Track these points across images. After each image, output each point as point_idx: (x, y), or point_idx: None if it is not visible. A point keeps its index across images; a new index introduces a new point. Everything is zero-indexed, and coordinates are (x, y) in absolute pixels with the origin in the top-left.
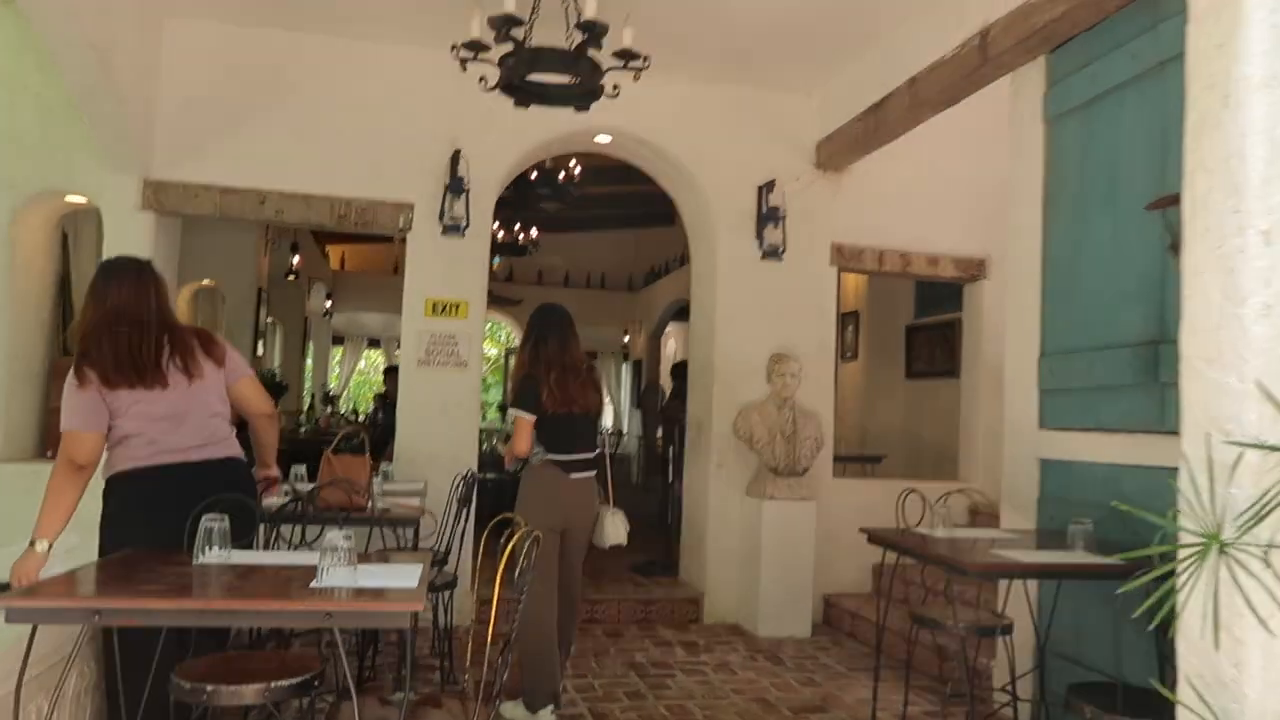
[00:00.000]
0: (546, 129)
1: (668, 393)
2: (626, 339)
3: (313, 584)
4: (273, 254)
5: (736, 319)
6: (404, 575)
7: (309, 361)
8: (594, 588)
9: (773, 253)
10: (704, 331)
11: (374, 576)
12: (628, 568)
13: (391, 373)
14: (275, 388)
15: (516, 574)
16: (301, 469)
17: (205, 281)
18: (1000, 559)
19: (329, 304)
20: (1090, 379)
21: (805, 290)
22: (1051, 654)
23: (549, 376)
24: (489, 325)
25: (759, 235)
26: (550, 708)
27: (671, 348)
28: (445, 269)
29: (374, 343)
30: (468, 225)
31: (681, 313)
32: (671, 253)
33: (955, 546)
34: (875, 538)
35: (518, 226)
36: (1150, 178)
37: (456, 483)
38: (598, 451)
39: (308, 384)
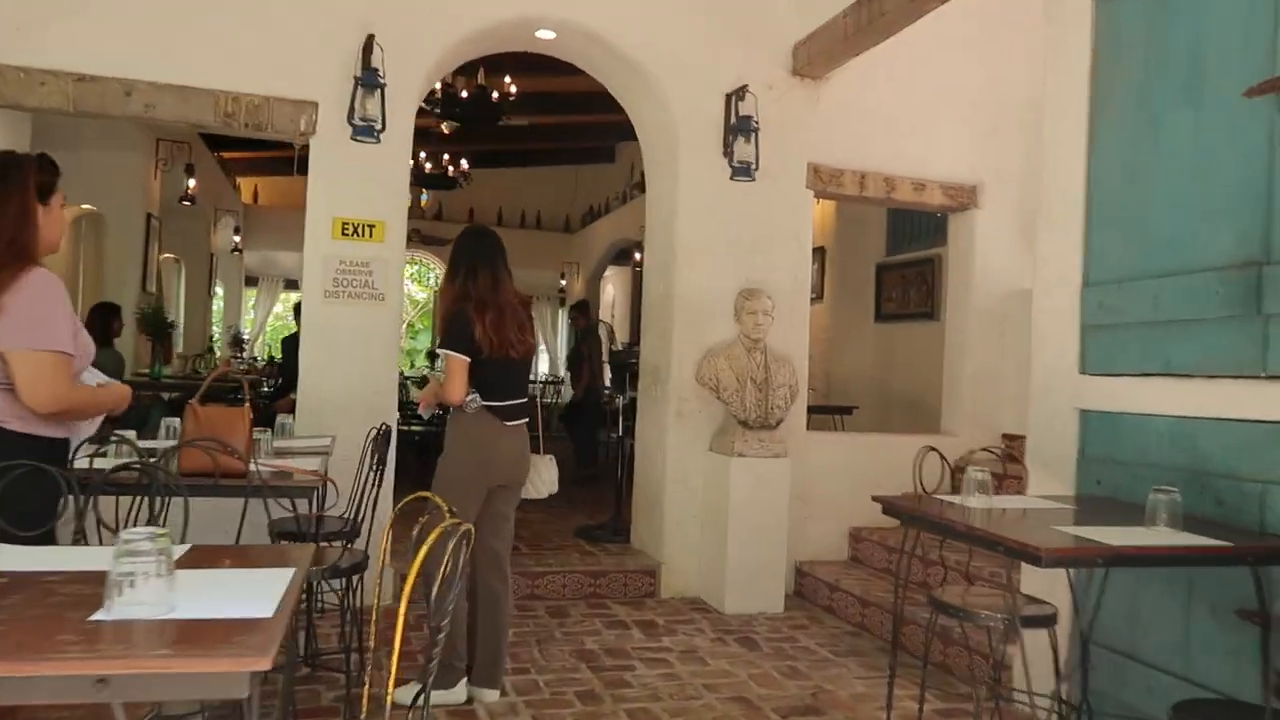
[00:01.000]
0: (479, 15)
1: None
2: (564, 282)
3: (94, 616)
4: (165, 178)
5: (701, 249)
6: (258, 594)
7: (218, 303)
8: (534, 558)
9: (743, 170)
10: (661, 264)
11: (207, 599)
12: (572, 533)
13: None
14: (160, 326)
15: (435, 591)
16: (175, 421)
17: (85, 206)
18: (1084, 542)
19: (238, 239)
20: (1156, 312)
21: (778, 216)
22: (1097, 647)
23: (483, 317)
24: (416, 266)
25: (727, 150)
26: (464, 681)
27: (610, 293)
28: (357, 182)
29: (291, 284)
30: (383, 129)
31: (622, 255)
32: (612, 190)
33: (1000, 521)
34: (894, 509)
35: (446, 157)
36: (1253, 58)
37: (370, 438)
38: (529, 397)
39: (216, 327)
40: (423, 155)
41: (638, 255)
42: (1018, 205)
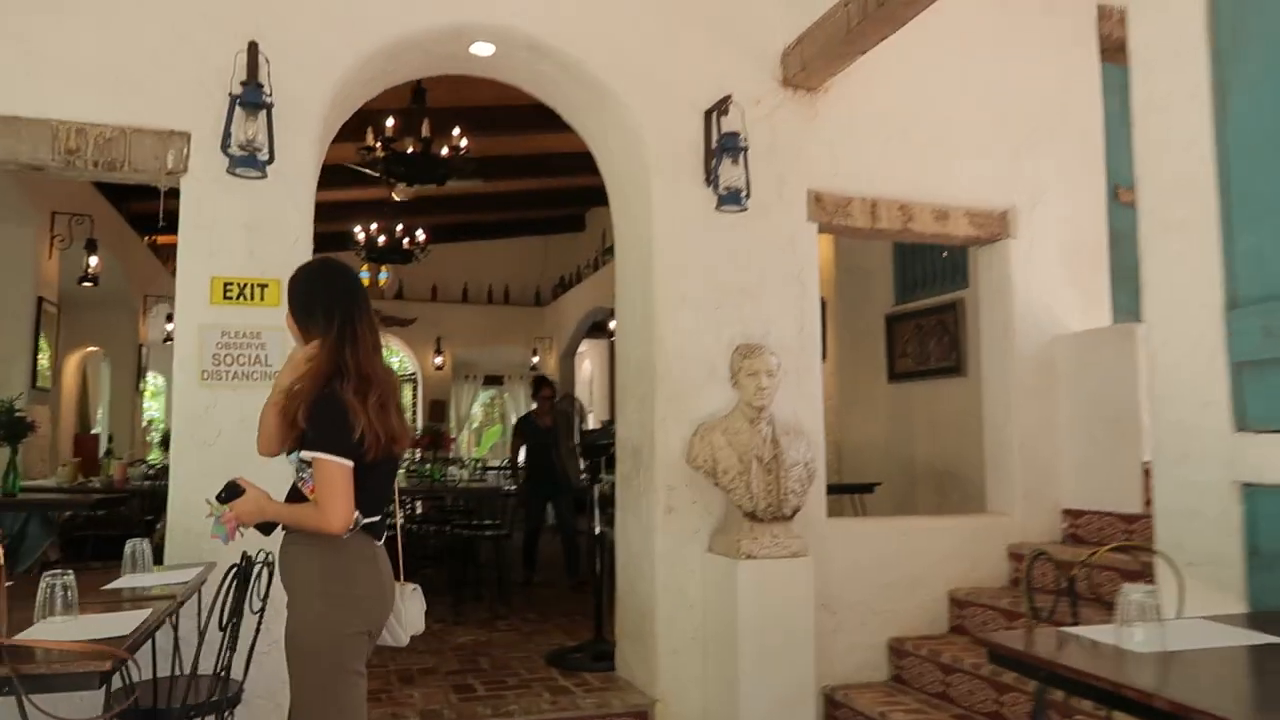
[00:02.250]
0: (398, 21)
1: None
2: (536, 359)
3: None
4: (63, 256)
5: (684, 298)
6: None
7: (154, 399)
8: (492, 702)
9: (731, 198)
10: (637, 320)
11: None
12: (543, 659)
13: None
14: (12, 427)
15: None
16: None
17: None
18: None
19: (171, 327)
20: None
21: (776, 255)
22: None
23: (365, 401)
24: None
25: (711, 177)
26: None
27: (588, 369)
28: (242, 230)
29: None
30: (270, 159)
31: (597, 328)
32: (584, 258)
33: (1188, 668)
34: (1014, 659)
35: (400, 228)
36: None
37: (228, 579)
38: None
39: (152, 426)
40: (374, 228)
41: (613, 325)
42: (1058, 231)
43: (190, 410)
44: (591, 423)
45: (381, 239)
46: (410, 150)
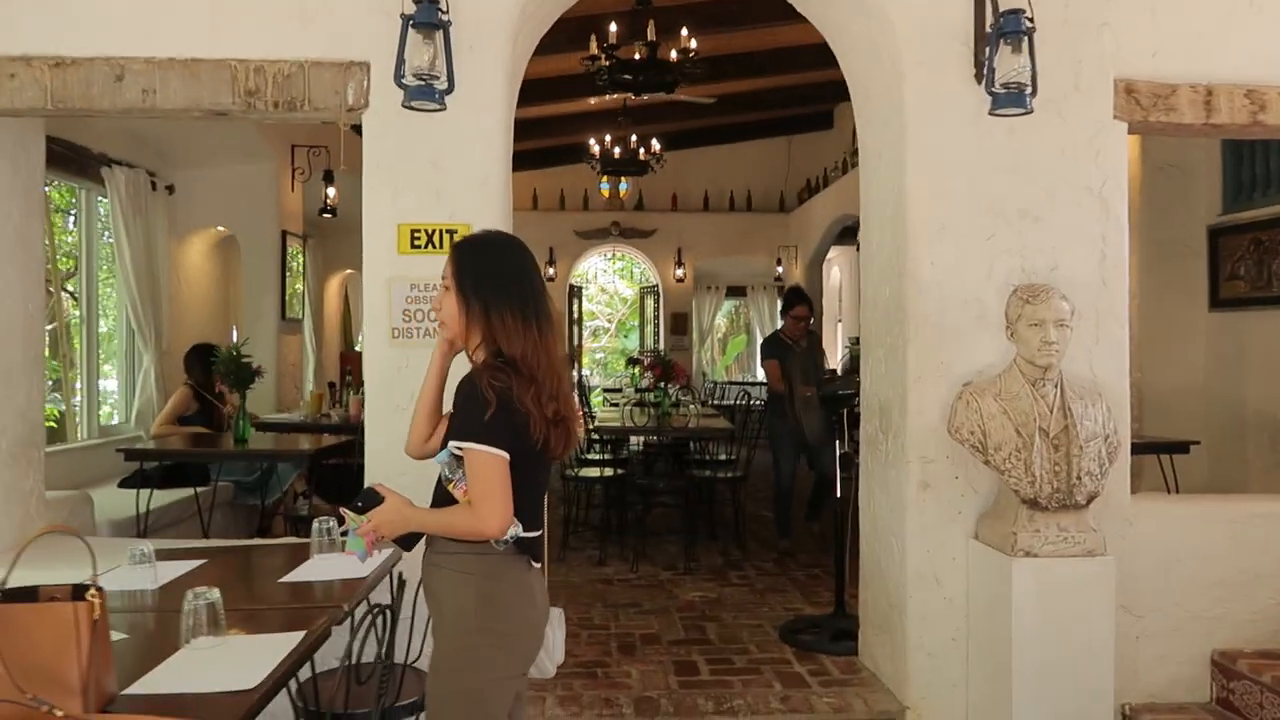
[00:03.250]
0: None
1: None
2: (781, 269)
3: None
4: (307, 187)
5: (946, 224)
6: None
7: None
8: (713, 691)
9: (1012, 98)
10: (886, 251)
11: None
12: (776, 631)
13: None
14: (241, 373)
15: None
16: None
17: (218, 228)
18: None
19: None
20: None
21: (1071, 164)
22: None
23: (540, 387)
24: (620, 262)
25: (982, 70)
26: None
27: (836, 277)
28: (427, 170)
29: None
30: (451, 87)
31: (847, 233)
32: (831, 159)
33: None
34: None
35: (634, 139)
36: None
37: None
38: None
39: None
40: (608, 140)
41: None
42: None
43: (383, 371)
44: (840, 352)
45: (616, 151)
46: (637, 57)
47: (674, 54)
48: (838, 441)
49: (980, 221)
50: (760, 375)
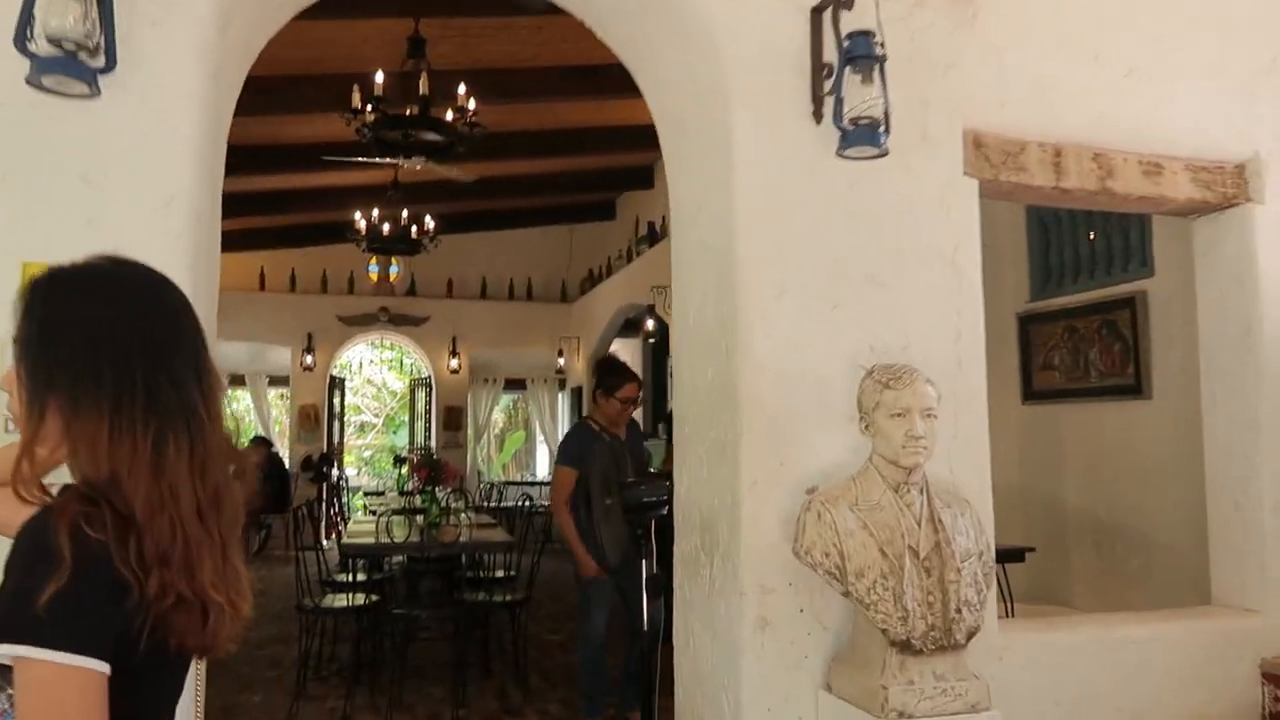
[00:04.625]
0: None
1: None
2: (562, 361)
3: None
4: None
5: (785, 290)
6: None
7: None
8: None
9: (865, 135)
10: (708, 326)
11: None
12: None
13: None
14: None
15: None
16: None
17: None
18: None
19: None
20: None
21: (921, 224)
22: None
23: (148, 538)
24: (389, 351)
25: (821, 104)
26: None
27: None
28: (76, 183)
29: (237, 380)
30: (110, 64)
31: (630, 326)
32: (615, 248)
33: None
34: None
35: (405, 215)
36: None
37: None
38: None
39: None
40: (375, 214)
41: (650, 323)
42: None
43: None
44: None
45: (385, 227)
46: (407, 113)
47: (450, 114)
48: (644, 561)
49: (822, 286)
50: (543, 473)
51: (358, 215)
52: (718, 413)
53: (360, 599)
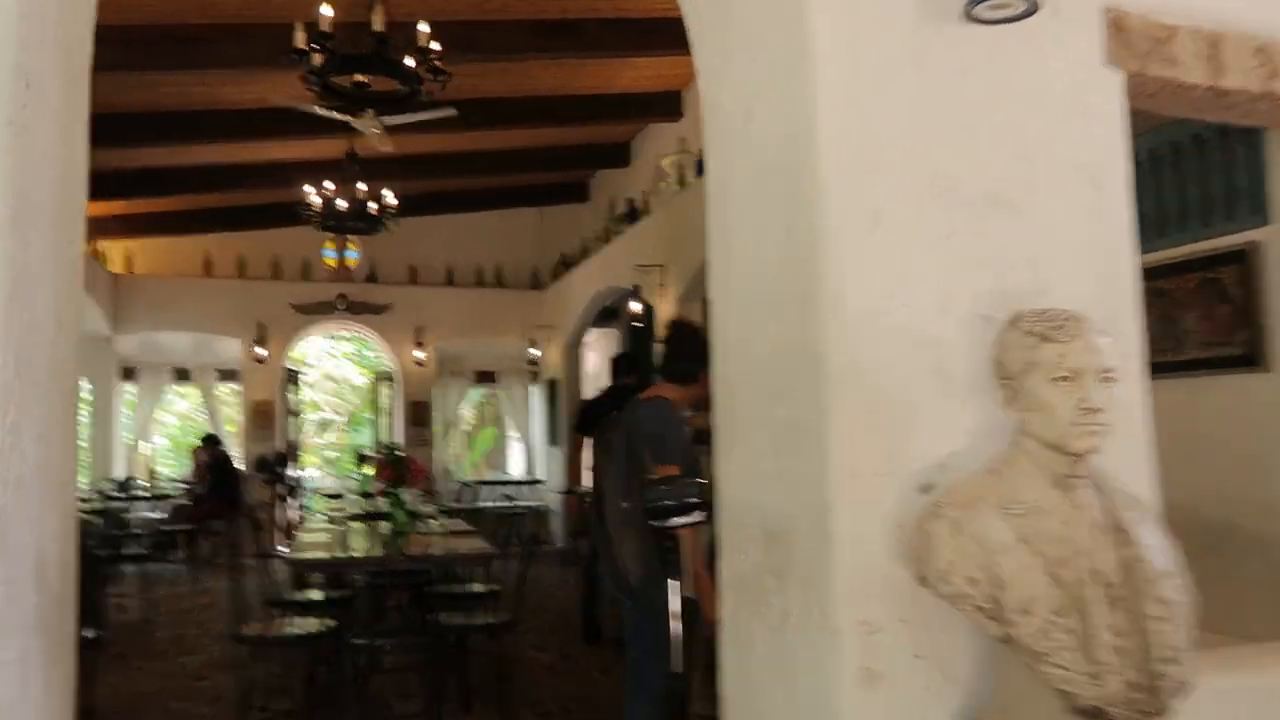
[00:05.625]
0: None
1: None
2: (535, 352)
3: None
4: None
5: (884, 212)
6: None
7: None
8: None
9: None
10: (771, 269)
11: None
12: None
13: (211, 443)
14: None
15: None
16: None
17: None
18: None
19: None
20: None
21: (1053, 132)
22: None
23: None
24: (346, 343)
25: None
26: None
27: (594, 363)
28: None
29: (182, 374)
30: None
31: (609, 314)
32: (588, 231)
33: None
34: None
35: (363, 189)
36: None
37: None
38: None
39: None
40: (329, 187)
41: (634, 305)
42: None
43: None
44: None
45: (342, 204)
46: (360, 54)
47: (409, 60)
48: (671, 581)
49: (931, 208)
50: (516, 471)
51: (309, 189)
52: (789, 384)
53: (313, 625)
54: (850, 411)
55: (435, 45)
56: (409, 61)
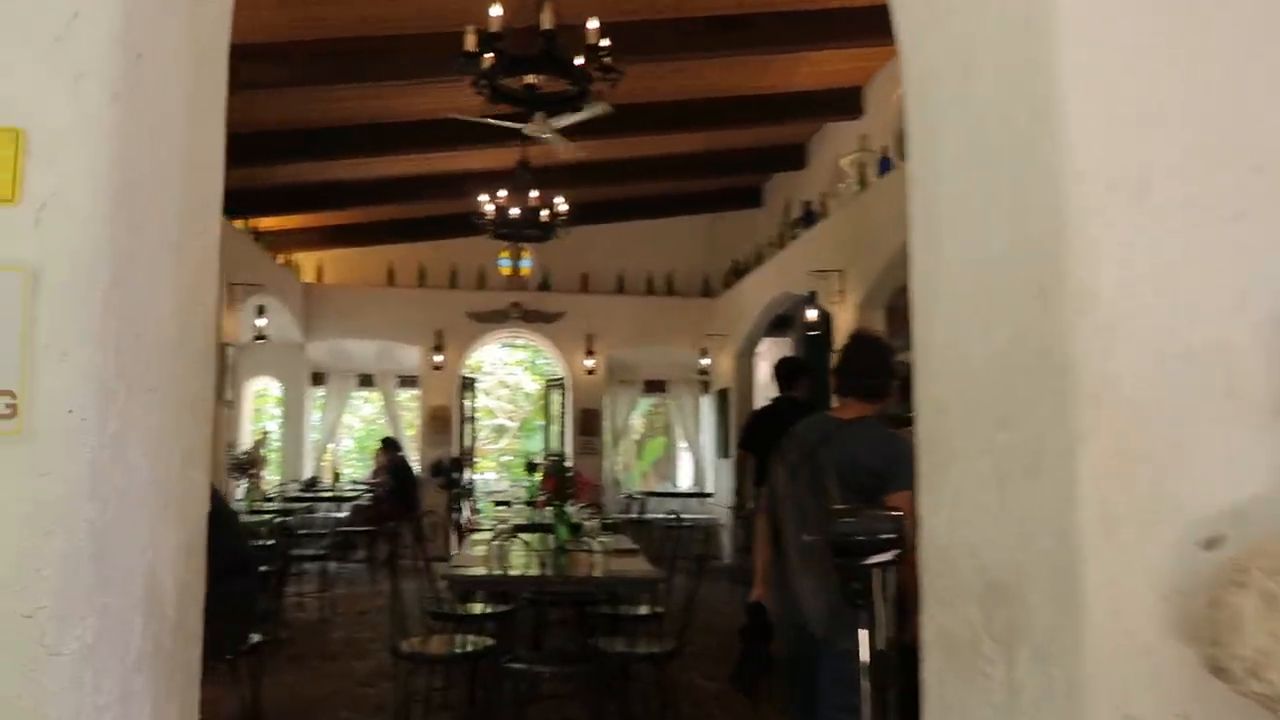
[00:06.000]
0: None
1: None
2: (706, 361)
3: None
4: None
5: (1152, 180)
6: None
7: (252, 407)
8: None
9: None
10: (1004, 249)
11: None
12: None
13: (390, 447)
14: None
15: None
16: None
17: None
18: None
19: (262, 324)
20: None
21: None
22: None
23: None
24: (519, 351)
25: None
26: None
27: (764, 373)
28: None
29: (366, 380)
30: None
31: (782, 323)
32: (763, 236)
33: None
34: None
35: (535, 195)
36: None
37: None
38: None
39: (265, 442)
40: (502, 195)
41: (810, 312)
42: None
43: None
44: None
45: (514, 211)
46: (529, 54)
47: (579, 59)
48: (863, 633)
49: (1217, 182)
50: (685, 483)
51: (483, 197)
52: (1020, 401)
53: (472, 641)
54: (1106, 438)
55: (605, 42)
56: (578, 61)
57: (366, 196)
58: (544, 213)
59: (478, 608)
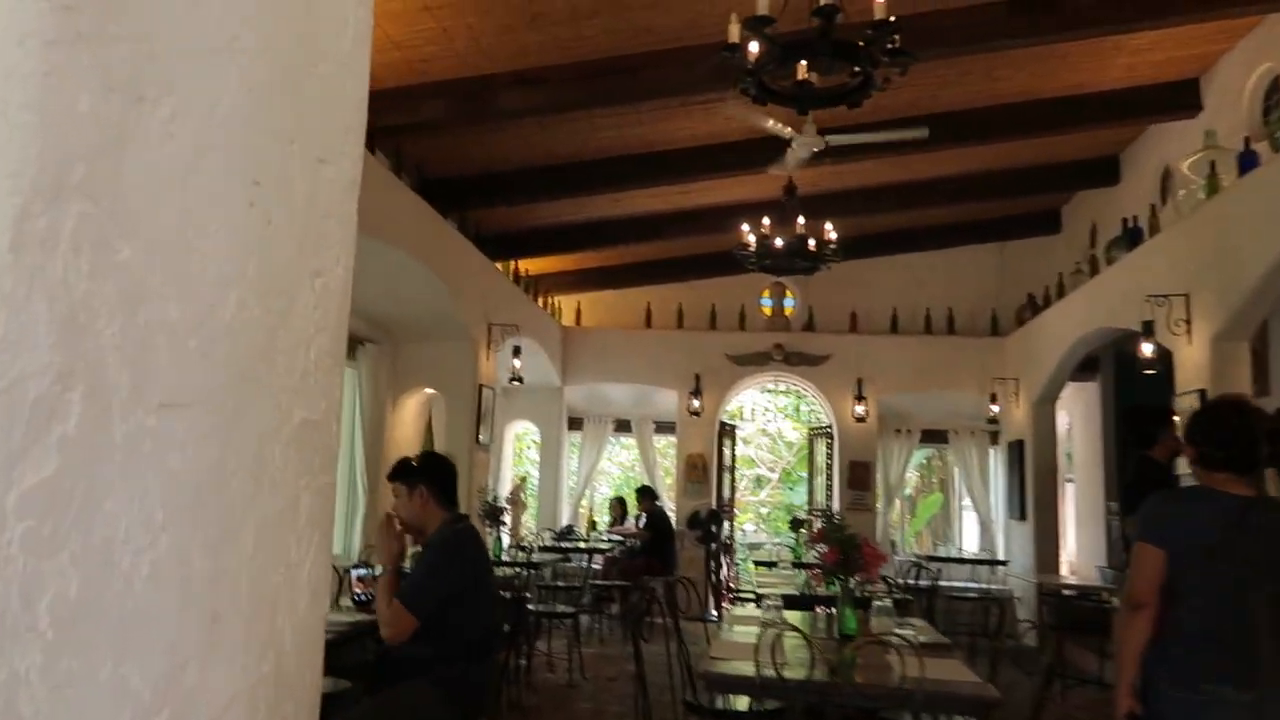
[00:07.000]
0: None
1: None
2: (995, 409)
3: None
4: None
5: None
6: None
7: (510, 450)
8: None
9: None
10: None
11: None
12: None
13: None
14: None
15: None
16: None
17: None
18: None
19: (518, 364)
20: None
21: None
22: None
23: None
24: (781, 396)
25: None
26: None
27: (1065, 422)
28: None
29: (623, 425)
30: None
31: (1088, 366)
32: (1064, 264)
33: None
34: None
35: (801, 223)
36: None
37: None
38: None
39: (523, 487)
40: (766, 223)
41: (1145, 348)
42: None
43: None
44: (1069, 531)
45: (778, 241)
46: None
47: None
48: None
49: None
50: (970, 546)
51: (745, 227)
52: None
53: None
54: None
55: (891, 18)
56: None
57: (625, 233)
58: (811, 242)
59: (742, 701)
